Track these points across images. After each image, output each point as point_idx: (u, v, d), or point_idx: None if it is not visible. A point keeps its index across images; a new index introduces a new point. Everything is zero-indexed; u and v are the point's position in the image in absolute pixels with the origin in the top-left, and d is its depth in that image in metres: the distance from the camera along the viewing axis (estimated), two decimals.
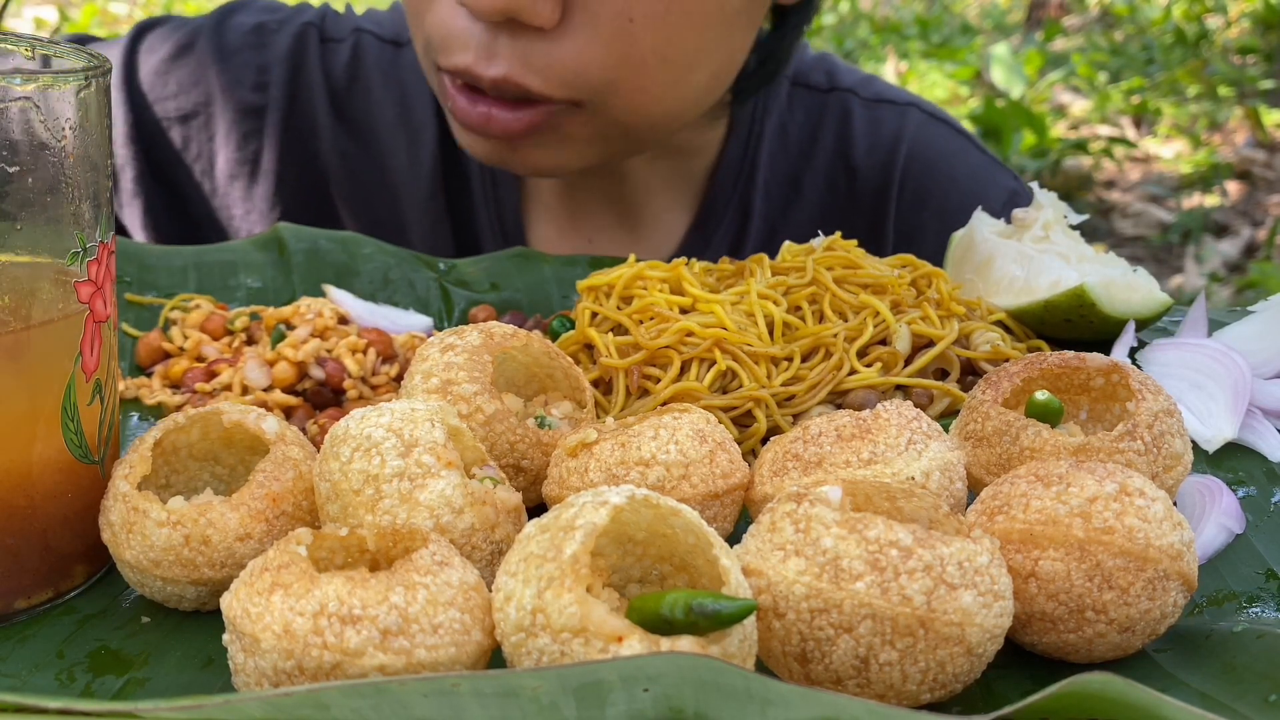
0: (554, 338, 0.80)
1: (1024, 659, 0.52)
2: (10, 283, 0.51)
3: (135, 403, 0.75)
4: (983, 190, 1.14)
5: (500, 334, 0.64)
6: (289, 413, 0.73)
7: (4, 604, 0.54)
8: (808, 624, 0.45)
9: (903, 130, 1.16)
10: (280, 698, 0.39)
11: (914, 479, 0.53)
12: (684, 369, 0.72)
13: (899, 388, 0.73)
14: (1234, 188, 4.07)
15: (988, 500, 0.52)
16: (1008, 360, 0.69)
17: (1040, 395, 0.59)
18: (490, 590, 0.46)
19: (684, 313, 0.75)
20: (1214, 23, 6.12)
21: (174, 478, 0.60)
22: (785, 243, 0.85)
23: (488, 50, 0.85)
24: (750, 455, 0.69)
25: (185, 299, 0.85)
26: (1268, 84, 5.03)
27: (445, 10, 0.87)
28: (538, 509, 0.56)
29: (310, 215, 1.10)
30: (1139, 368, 0.72)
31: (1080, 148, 4.35)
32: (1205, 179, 4.11)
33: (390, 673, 0.42)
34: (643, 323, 0.75)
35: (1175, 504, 0.55)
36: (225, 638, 0.45)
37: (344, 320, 0.82)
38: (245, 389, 0.74)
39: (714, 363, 0.72)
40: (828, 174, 1.16)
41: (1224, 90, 5.04)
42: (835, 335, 0.73)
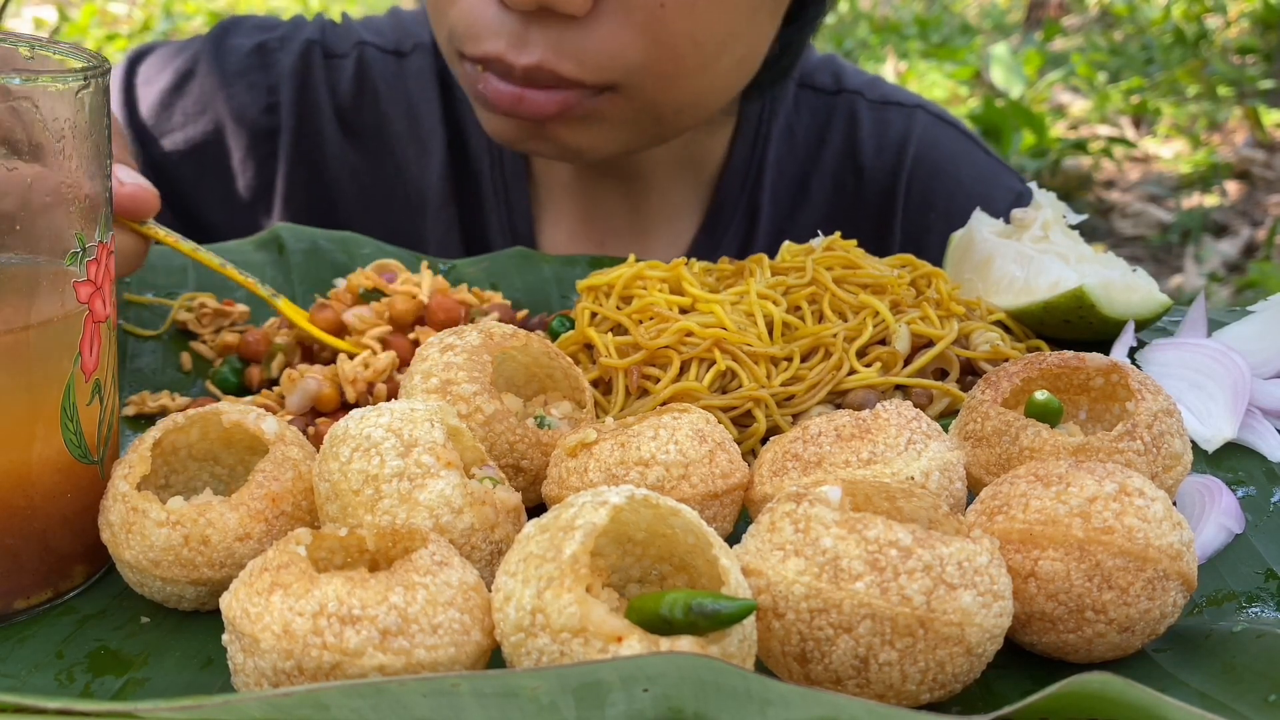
0: (554, 338, 0.80)
1: (1024, 659, 0.52)
2: (9, 283, 0.51)
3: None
4: (989, 192, 1.14)
5: (500, 334, 0.64)
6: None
7: (3, 604, 0.54)
8: (807, 624, 0.45)
9: (910, 132, 1.16)
10: (280, 698, 0.39)
11: (913, 479, 0.53)
12: (683, 369, 0.72)
13: (898, 388, 0.73)
14: (1233, 188, 4.07)
15: (987, 500, 0.52)
16: (1007, 360, 0.69)
17: (1040, 395, 0.59)
18: (490, 590, 0.46)
19: (684, 313, 0.75)
20: (1213, 23, 6.12)
21: (173, 478, 0.60)
22: (785, 243, 0.85)
23: (519, 38, 0.85)
24: (750, 455, 0.69)
25: (190, 298, 0.85)
26: (1267, 84, 5.03)
27: (471, 2, 0.86)
28: (537, 509, 0.56)
29: None
30: (1138, 368, 0.72)
31: (1080, 148, 4.35)
32: (1205, 179, 4.11)
33: (390, 673, 0.42)
34: (642, 323, 0.75)
35: (1175, 504, 0.55)
36: (225, 638, 0.45)
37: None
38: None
39: (714, 363, 0.72)
40: (835, 176, 1.16)
41: (1223, 90, 5.04)
42: (835, 335, 0.73)
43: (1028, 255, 0.81)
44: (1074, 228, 0.86)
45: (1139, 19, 6.52)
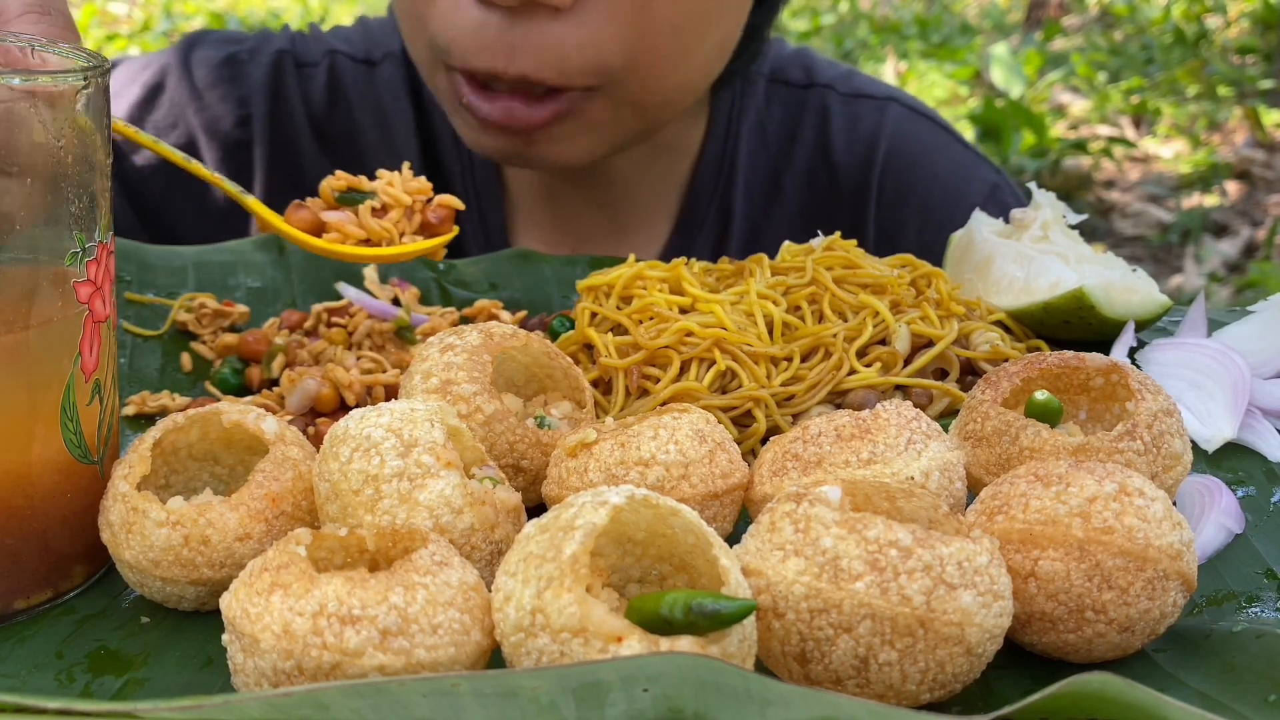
0: (554, 338, 0.80)
1: (1024, 659, 0.52)
2: (9, 283, 0.51)
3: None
4: (964, 185, 1.13)
5: (500, 334, 0.64)
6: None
7: (3, 604, 0.54)
8: (807, 624, 0.45)
9: (882, 126, 1.15)
10: (280, 698, 0.39)
11: (913, 479, 0.53)
12: (683, 369, 0.72)
13: (898, 388, 0.73)
14: (1233, 188, 4.07)
15: (987, 500, 0.52)
16: (1007, 360, 0.69)
17: (1040, 395, 0.59)
18: (490, 590, 0.46)
19: (683, 313, 0.75)
20: (1213, 23, 6.12)
21: (173, 478, 0.60)
22: (785, 243, 0.85)
23: (506, 47, 0.84)
24: (750, 455, 0.69)
25: (190, 298, 0.85)
26: (1267, 84, 5.03)
27: (450, 6, 0.85)
28: (537, 509, 0.56)
29: None
30: (1138, 368, 0.72)
31: (1080, 148, 4.35)
32: (1205, 179, 4.11)
33: (390, 673, 0.42)
34: (642, 323, 0.75)
35: (1175, 504, 0.55)
36: (225, 638, 0.45)
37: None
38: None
39: (713, 363, 0.72)
40: (808, 172, 1.15)
41: (1223, 90, 5.05)
42: (835, 335, 0.73)
43: (1028, 255, 0.81)
44: (1074, 228, 0.86)
45: (1139, 19, 6.52)
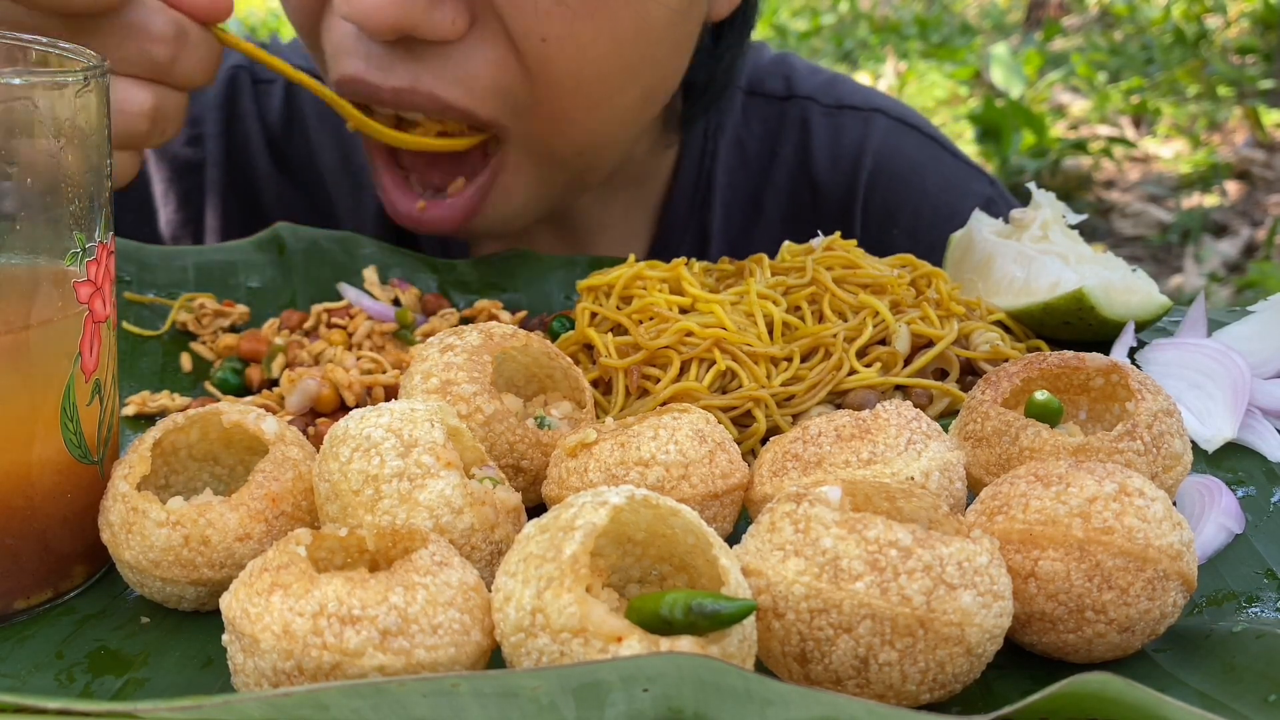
0: (554, 338, 0.80)
1: (1024, 659, 0.52)
2: (9, 283, 0.51)
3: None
4: (956, 201, 1.07)
5: (500, 334, 0.64)
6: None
7: (3, 604, 0.54)
8: (807, 624, 0.45)
9: (867, 140, 1.09)
10: (280, 698, 0.39)
11: (913, 479, 0.53)
12: (683, 369, 0.72)
13: (898, 388, 0.73)
14: (1233, 188, 4.07)
15: (987, 500, 0.52)
16: (1007, 360, 0.69)
17: (1040, 395, 0.59)
18: (490, 590, 0.46)
19: (683, 313, 0.75)
20: (1213, 23, 6.12)
21: (173, 478, 0.60)
22: (785, 243, 0.85)
23: (383, 61, 0.78)
24: (750, 455, 0.69)
25: (190, 298, 0.85)
26: (1267, 84, 5.03)
27: (338, 28, 0.81)
28: (537, 509, 0.56)
29: None
30: (1138, 368, 0.72)
31: (1080, 148, 4.35)
32: (1204, 179, 4.11)
33: (390, 673, 0.42)
34: (642, 323, 0.75)
35: (1175, 504, 0.55)
36: (225, 638, 0.45)
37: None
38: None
39: (713, 363, 0.72)
40: (790, 191, 1.09)
41: (1223, 90, 5.05)
42: (835, 335, 0.73)
43: (1028, 256, 0.81)
44: (1074, 228, 0.86)
45: (1139, 19, 6.52)
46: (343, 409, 0.74)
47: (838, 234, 0.83)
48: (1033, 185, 0.89)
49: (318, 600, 0.43)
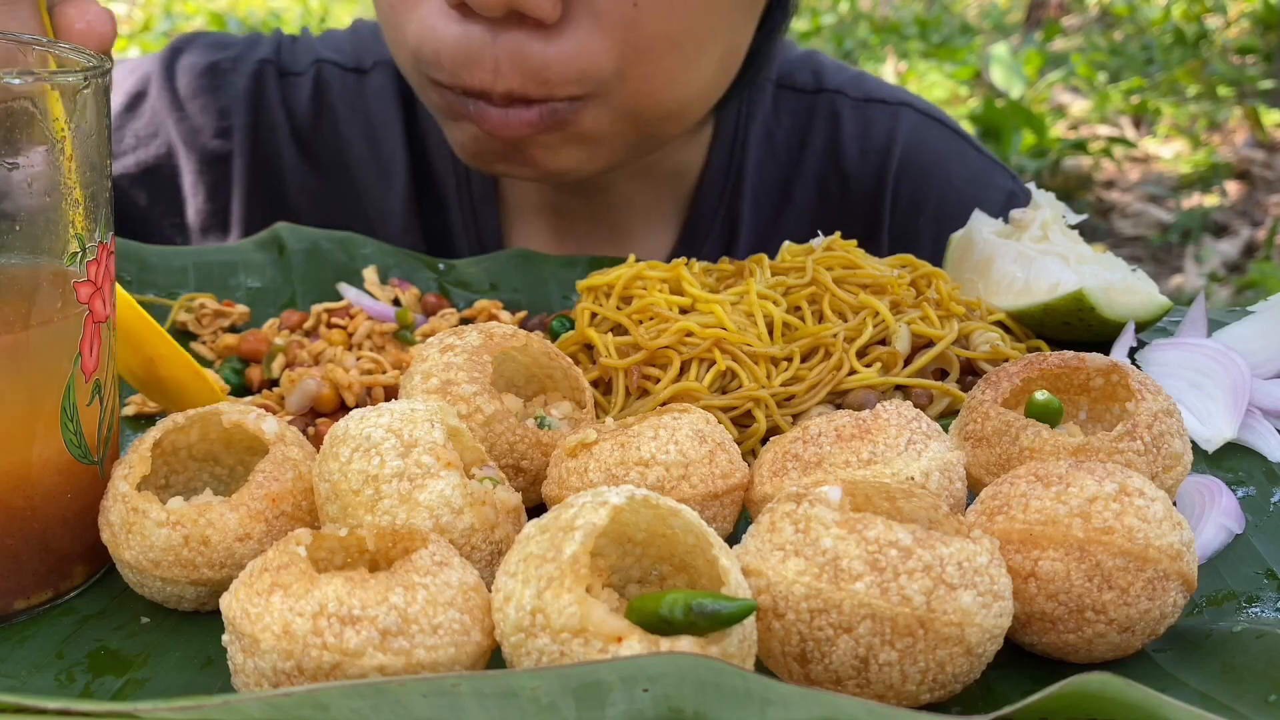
0: (554, 338, 0.80)
1: (1024, 659, 0.52)
2: (9, 283, 0.51)
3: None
4: (980, 193, 1.10)
5: (500, 334, 0.64)
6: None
7: (3, 604, 0.54)
8: (807, 624, 0.45)
9: (895, 132, 1.12)
10: (280, 698, 0.39)
11: (913, 479, 0.53)
12: (683, 369, 0.72)
13: (898, 388, 0.73)
14: (1233, 188, 4.07)
15: (987, 500, 0.52)
16: (1007, 360, 0.69)
17: (1040, 395, 0.59)
18: (490, 590, 0.46)
19: (683, 313, 0.75)
20: (1213, 23, 6.12)
21: (173, 478, 0.60)
22: (785, 243, 0.84)
23: (491, 62, 0.81)
24: (750, 455, 0.69)
25: (190, 298, 0.85)
26: (1267, 84, 5.03)
27: (430, 16, 0.82)
28: (537, 509, 0.56)
29: None
30: (1138, 368, 0.72)
31: (1080, 148, 4.35)
32: (1205, 179, 4.11)
33: (390, 673, 0.42)
34: (642, 323, 0.75)
35: (1175, 504, 0.55)
36: (225, 638, 0.45)
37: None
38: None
39: (713, 363, 0.72)
40: (818, 180, 1.12)
41: (1223, 90, 5.05)
42: (835, 335, 0.73)
43: (1028, 256, 0.81)
44: (1073, 227, 0.86)
45: (1139, 19, 6.52)
46: (343, 409, 0.74)
47: (838, 234, 0.83)
48: (1033, 185, 0.89)
49: (318, 600, 0.43)
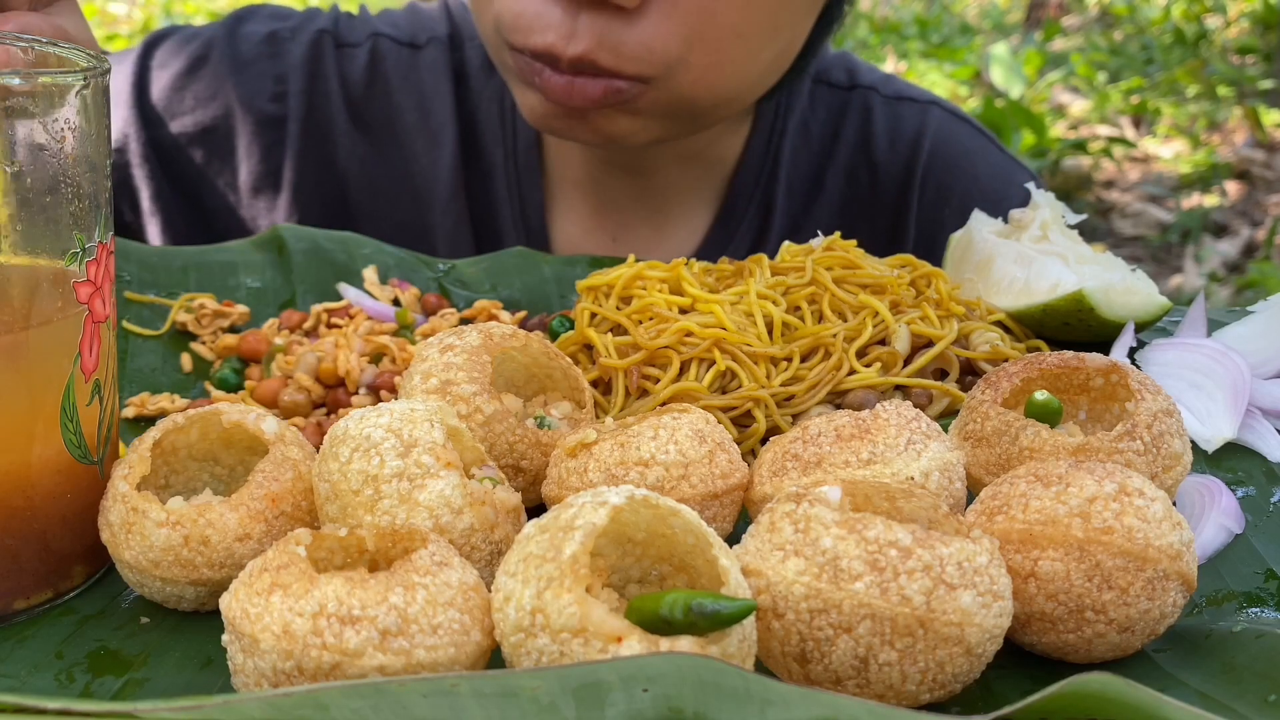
0: (553, 338, 0.80)
1: (1024, 659, 0.52)
2: (9, 283, 0.51)
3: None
4: (1004, 189, 1.14)
5: (499, 334, 0.64)
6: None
7: (3, 604, 0.54)
8: (807, 624, 0.45)
9: (924, 127, 1.17)
10: (279, 698, 0.39)
11: (913, 479, 0.53)
12: (683, 369, 0.72)
13: (898, 388, 0.73)
14: (1233, 188, 4.07)
15: (987, 500, 0.52)
16: (1007, 360, 0.69)
17: (1039, 395, 0.59)
18: (489, 590, 0.46)
19: (683, 313, 0.75)
20: (1213, 23, 6.12)
21: (173, 478, 0.60)
22: (785, 243, 0.85)
23: (568, 30, 0.85)
24: (750, 455, 0.69)
25: (190, 298, 0.85)
26: (1267, 84, 5.03)
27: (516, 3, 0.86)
28: (537, 509, 0.56)
29: (329, 223, 1.09)
30: (1138, 368, 0.72)
31: (1079, 148, 4.35)
32: (1204, 179, 4.11)
33: (389, 673, 0.42)
34: (642, 323, 0.75)
35: (1175, 504, 0.55)
36: (224, 638, 0.45)
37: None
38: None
39: (713, 363, 0.72)
40: (849, 170, 1.17)
41: (1223, 90, 5.05)
42: (834, 335, 0.73)
43: (1028, 256, 0.81)
44: (1073, 227, 0.86)
45: (1139, 19, 6.52)
46: (343, 388, 0.74)
47: (837, 234, 0.83)
48: (1032, 185, 0.89)
49: (317, 600, 0.43)
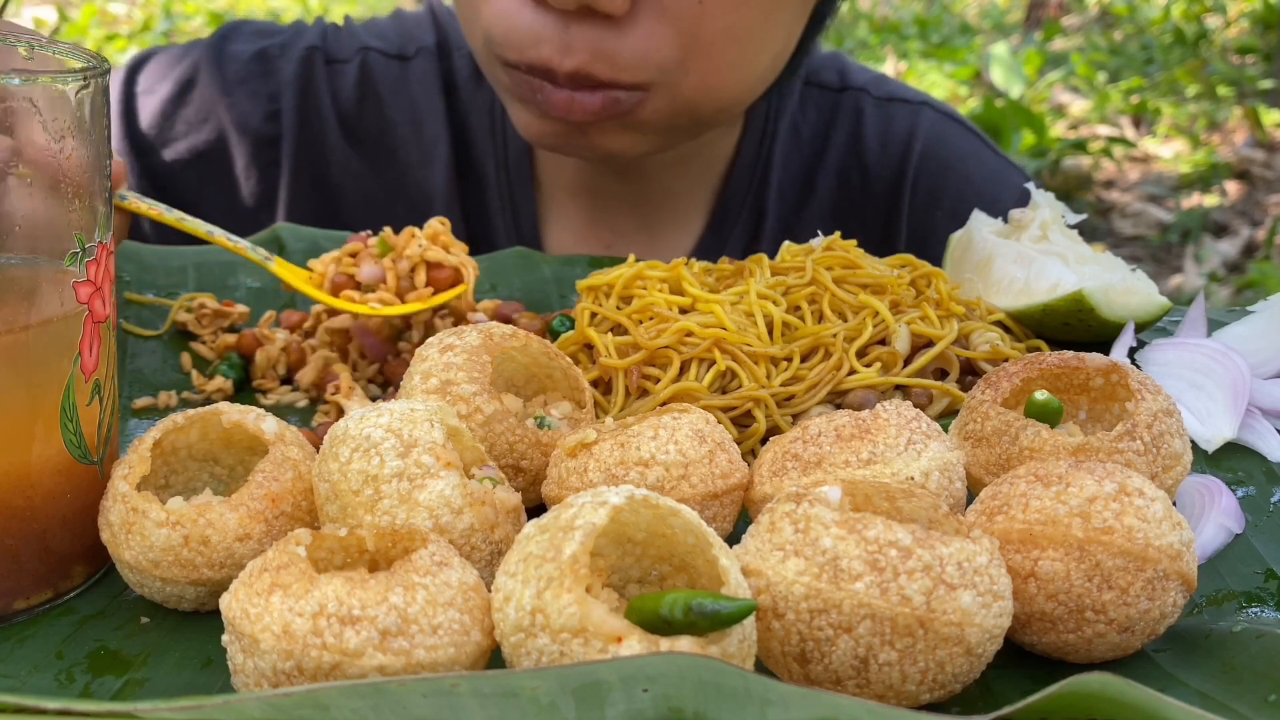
0: (554, 338, 0.80)
1: (1024, 659, 0.52)
2: (9, 283, 0.51)
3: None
4: (997, 190, 1.14)
5: (499, 334, 0.64)
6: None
7: (3, 604, 0.54)
8: (807, 624, 0.45)
9: (916, 128, 1.16)
10: (279, 698, 0.39)
11: (913, 479, 0.53)
12: (683, 369, 0.72)
13: (898, 388, 0.73)
14: (1233, 188, 4.07)
15: (987, 500, 0.52)
16: (1007, 360, 0.69)
17: (1039, 395, 0.59)
18: (489, 591, 0.46)
19: (683, 313, 0.75)
20: (1213, 22, 6.12)
21: (173, 478, 0.60)
22: (785, 243, 0.84)
23: (562, 43, 0.84)
24: (750, 455, 0.69)
25: (190, 298, 0.85)
26: (1267, 84, 5.03)
27: (506, 3, 0.86)
28: (537, 509, 0.56)
29: None
30: (1138, 368, 0.72)
31: (1079, 147, 4.35)
32: (1204, 179, 4.11)
33: (389, 673, 0.42)
34: (642, 323, 0.75)
35: (1175, 504, 0.55)
36: (224, 638, 0.45)
37: None
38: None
39: (713, 363, 0.72)
40: (840, 172, 1.16)
41: (1223, 90, 5.05)
42: (834, 335, 0.73)
43: (1028, 256, 0.81)
44: (1073, 227, 0.86)
45: (1139, 19, 6.52)
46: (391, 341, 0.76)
47: (837, 234, 0.83)
48: (1032, 185, 0.89)
49: (317, 600, 0.43)
